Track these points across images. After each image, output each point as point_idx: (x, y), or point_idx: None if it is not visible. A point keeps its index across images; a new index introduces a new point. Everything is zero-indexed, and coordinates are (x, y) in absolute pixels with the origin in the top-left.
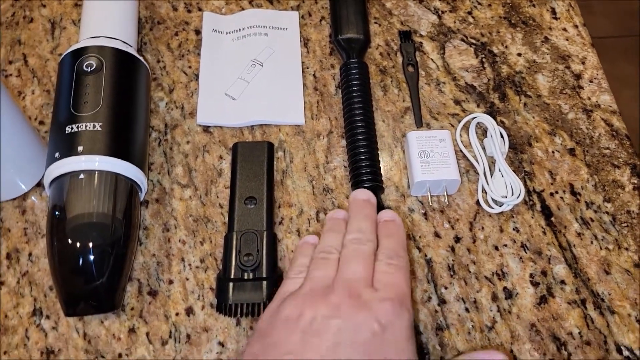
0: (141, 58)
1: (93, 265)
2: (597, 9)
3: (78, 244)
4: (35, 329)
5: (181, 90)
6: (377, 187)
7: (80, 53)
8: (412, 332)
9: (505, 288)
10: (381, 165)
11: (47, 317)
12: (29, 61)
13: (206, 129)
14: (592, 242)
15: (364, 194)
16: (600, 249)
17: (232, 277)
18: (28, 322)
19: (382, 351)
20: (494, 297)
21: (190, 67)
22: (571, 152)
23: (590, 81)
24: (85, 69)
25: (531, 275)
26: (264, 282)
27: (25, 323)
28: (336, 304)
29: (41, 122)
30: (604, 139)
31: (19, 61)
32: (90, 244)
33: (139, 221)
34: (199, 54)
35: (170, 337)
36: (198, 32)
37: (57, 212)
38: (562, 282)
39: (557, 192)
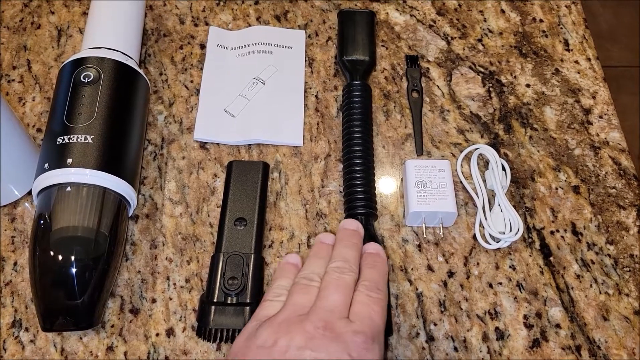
0: (141, 71)
1: (74, 279)
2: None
3: (60, 257)
4: (13, 341)
5: (181, 105)
6: (370, 215)
7: (79, 63)
8: None
9: (497, 328)
10: (377, 192)
11: (26, 329)
12: (33, 67)
13: (203, 145)
14: (591, 286)
15: (353, 224)
16: (600, 293)
17: (214, 300)
18: (7, 334)
19: None
20: (485, 338)
21: (192, 81)
22: (575, 189)
23: (600, 117)
24: (83, 80)
25: (525, 317)
26: (247, 308)
27: (3, 334)
28: (311, 335)
29: (39, 130)
30: (611, 178)
31: (23, 67)
32: (72, 258)
33: (125, 237)
34: (202, 69)
35: (148, 358)
36: (203, 46)
37: (41, 224)
38: (557, 325)
39: (557, 231)
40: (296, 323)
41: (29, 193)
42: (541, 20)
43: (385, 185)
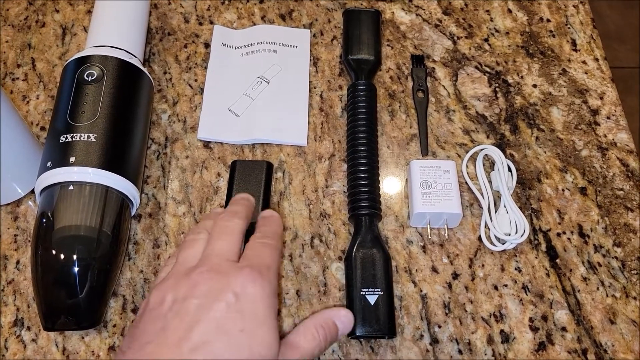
0: (145, 70)
1: (76, 279)
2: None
3: (62, 256)
4: (14, 340)
5: (185, 104)
6: (374, 215)
7: (82, 62)
8: (272, 301)
9: (502, 331)
10: (382, 192)
11: (28, 328)
12: (37, 66)
13: (206, 144)
14: (598, 289)
15: (244, 195)
16: (607, 296)
17: None
18: (8, 332)
19: (237, 323)
20: (490, 340)
21: (196, 80)
22: (582, 191)
23: (608, 118)
24: (86, 79)
25: (531, 320)
26: None
27: (5, 333)
28: (195, 282)
29: (42, 128)
30: (618, 180)
31: (27, 65)
32: (74, 257)
33: (128, 236)
34: (206, 68)
35: None
36: (207, 45)
37: (43, 222)
38: (563, 329)
39: (564, 233)
40: (183, 275)
41: (32, 191)
42: (548, 20)
43: (390, 185)
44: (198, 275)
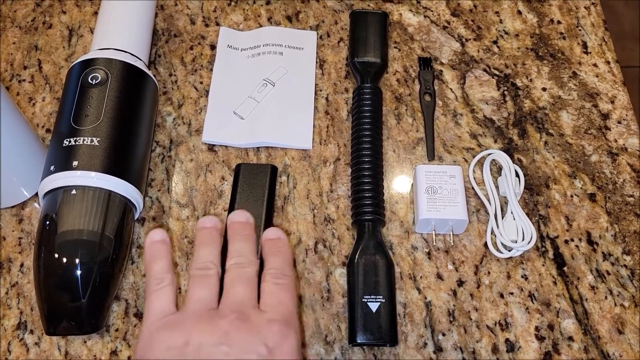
0: (149, 73)
1: (78, 283)
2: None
3: (64, 260)
4: (18, 343)
5: (190, 106)
6: (378, 221)
7: (87, 64)
8: (299, 350)
9: (507, 340)
10: (387, 198)
11: (31, 331)
12: (44, 67)
13: (211, 147)
14: (606, 297)
15: (241, 216)
16: (615, 305)
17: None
18: (12, 336)
19: None
20: (495, 349)
21: (201, 82)
22: (591, 197)
23: (619, 122)
24: (90, 82)
25: (537, 328)
26: None
27: (8, 336)
28: (225, 330)
29: (48, 130)
30: (629, 186)
31: (34, 67)
32: (77, 261)
33: (131, 240)
34: (212, 70)
35: None
36: (213, 47)
37: (46, 226)
38: (570, 338)
39: (572, 240)
40: (206, 320)
41: (37, 194)
42: (559, 22)
43: (395, 190)
44: (227, 323)
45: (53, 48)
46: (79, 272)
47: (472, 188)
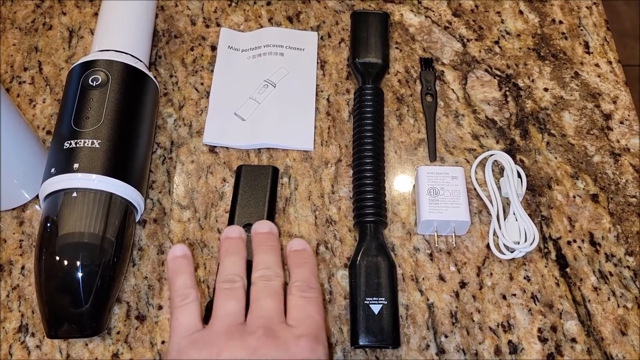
0: (150, 74)
1: (79, 286)
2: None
3: (65, 263)
4: (19, 346)
5: (191, 107)
6: (379, 222)
7: (87, 66)
8: None
9: (510, 342)
10: (389, 199)
11: (33, 334)
12: (44, 69)
13: (212, 149)
14: (609, 299)
15: (265, 226)
16: (618, 306)
17: None
18: (13, 339)
19: None
20: (497, 351)
21: (202, 83)
22: (594, 198)
23: (621, 122)
24: (91, 83)
25: (539, 330)
26: None
27: (10, 339)
28: (254, 347)
29: (48, 132)
30: (631, 186)
31: (34, 68)
32: (78, 264)
33: (132, 242)
34: (212, 71)
35: None
36: (214, 48)
37: (47, 229)
38: (573, 340)
39: (575, 241)
40: (236, 335)
41: (38, 196)
42: (561, 22)
43: (397, 191)
44: (256, 339)
45: (53, 49)
46: (80, 275)
47: (474, 189)
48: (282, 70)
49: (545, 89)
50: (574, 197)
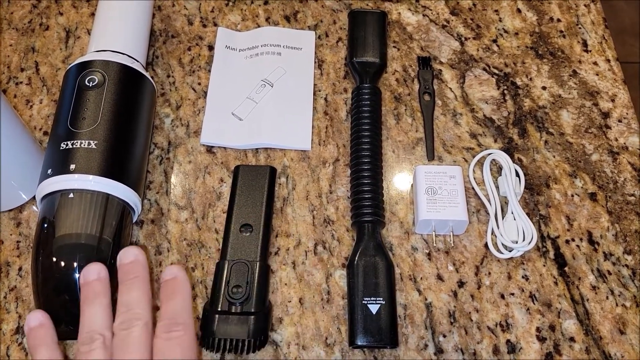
0: (147, 74)
1: (76, 287)
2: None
3: (62, 264)
4: (16, 348)
5: (188, 108)
6: (377, 222)
7: (84, 67)
8: None
9: (508, 341)
10: (387, 199)
11: None
12: (41, 69)
13: (209, 149)
14: (607, 298)
15: (129, 255)
16: (616, 305)
17: (218, 309)
18: (10, 340)
19: None
20: (496, 350)
21: (199, 83)
22: (592, 196)
23: (619, 121)
24: (87, 84)
25: (538, 329)
26: (251, 317)
27: (7, 340)
28: None
29: (45, 133)
30: (630, 185)
31: (31, 69)
32: (75, 265)
33: (129, 243)
34: (210, 71)
35: None
36: (211, 47)
37: (44, 230)
38: (572, 339)
39: (573, 240)
40: None
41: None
42: (559, 20)
43: (395, 191)
44: None
45: (50, 50)
46: (77, 276)
47: (472, 188)
48: (280, 69)
49: (544, 88)
50: (572, 195)
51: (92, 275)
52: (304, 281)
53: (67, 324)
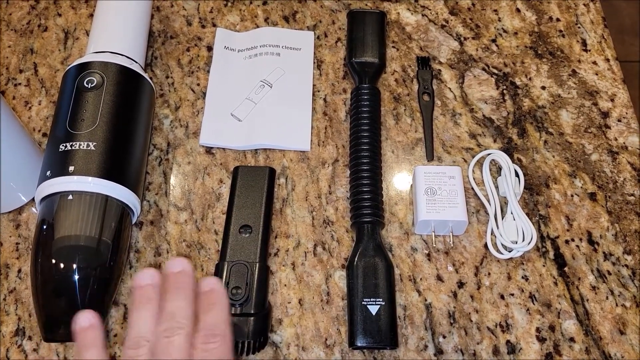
0: (146, 76)
1: (75, 289)
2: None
3: (61, 266)
4: (16, 350)
5: (187, 108)
6: (377, 223)
7: (82, 68)
8: None
9: (508, 342)
10: (386, 199)
11: (30, 338)
12: (39, 71)
13: (209, 150)
14: (607, 298)
15: (177, 265)
16: (616, 305)
17: None
18: (10, 342)
19: None
20: (495, 351)
21: (198, 84)
22: (592, 196)
23: (619, 120)
24: (86, 85)
25: (538, 330)
26: (251, 319)
27: (7, 342)
28: None
29: (44, 134)
30: (629, 185)
31: (29, 70)
32: (74, 267)
33: (129, 245)
34: (209, 71)
35: None
36: (210, 48)
37: (43, 232)
38: (571, 339)
39: (573, 240)
40: None
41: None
42: (558, 20)
43: (395, 191)
44: None
45: (49, 51)
46: (76, 278)
47: (472, 188)
48: (279, 70)
49: (543, 87)
50: (572, 195)
51: (146, 279)
52: (303, 282)
53: (66, 325)
